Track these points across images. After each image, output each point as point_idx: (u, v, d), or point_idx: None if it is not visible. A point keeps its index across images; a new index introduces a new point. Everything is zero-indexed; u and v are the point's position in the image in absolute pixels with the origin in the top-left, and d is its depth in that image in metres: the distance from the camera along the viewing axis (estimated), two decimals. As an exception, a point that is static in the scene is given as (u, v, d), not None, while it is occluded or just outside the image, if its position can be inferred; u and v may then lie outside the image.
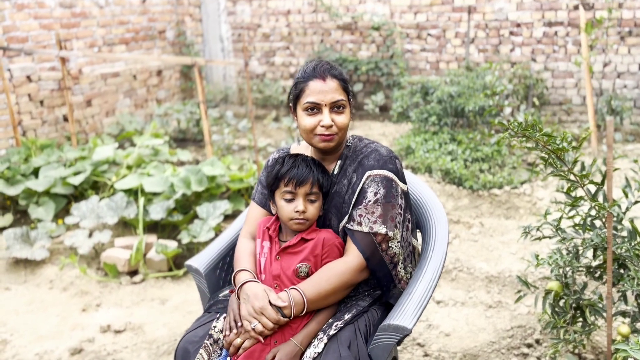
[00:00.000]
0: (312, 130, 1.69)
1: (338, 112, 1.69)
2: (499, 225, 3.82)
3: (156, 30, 6.94)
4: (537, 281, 3.09)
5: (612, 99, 5.72)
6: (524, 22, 6.36)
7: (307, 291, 1.60)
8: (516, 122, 1.79)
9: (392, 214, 1.66)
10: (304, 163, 1.71)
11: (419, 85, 5.52)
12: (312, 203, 1.70)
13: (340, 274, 1.63)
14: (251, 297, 1.60)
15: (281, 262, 1.70)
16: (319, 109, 1.68)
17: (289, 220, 1.70)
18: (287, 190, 1.69)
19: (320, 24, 7.33)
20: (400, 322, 1.54)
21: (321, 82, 1.68)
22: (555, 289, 2.11)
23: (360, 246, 1.65)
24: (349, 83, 1.76)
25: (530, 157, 5.03)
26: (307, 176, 1.68)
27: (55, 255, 3.68)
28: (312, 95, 1.68)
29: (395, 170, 1.71)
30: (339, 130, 1.69)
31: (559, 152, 1.87)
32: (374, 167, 1.69)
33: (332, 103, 1.68)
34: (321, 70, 1.70)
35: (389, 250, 1.66)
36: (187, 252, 3.66)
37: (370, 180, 1.68)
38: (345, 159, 1.78)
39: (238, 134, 6.28)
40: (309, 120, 1.69)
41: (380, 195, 1.65)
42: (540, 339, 2.55)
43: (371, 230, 1.63)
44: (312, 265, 1.68)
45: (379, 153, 1.72)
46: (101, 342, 2.79)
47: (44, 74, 5.47)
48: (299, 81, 1.73)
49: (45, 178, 4.15)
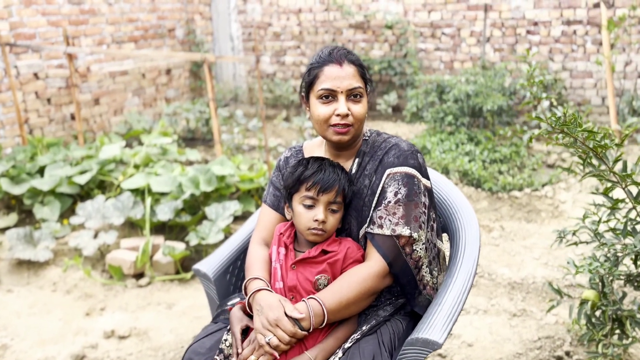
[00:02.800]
0: (326, 121, 1.54)
1: (355, 101, 1.54)
2: (520, 229, 3.66)
3: (165, 28, 6.84)
4: (563, 289, 2.93)
5: (634, 99, 5.53)
6: (542, 20, 6.19)
7: (327, 300, 1.45)
8: (554, 117, 1.64)
9: (415, 213, 1.52)
10: (330, 168, 1.55)
11: (434, 85, 5.37)
12: (333, 213, 1.55)
13: (362, 280, 1.48)
14: (265, 307, 1.44)
15: (297, 273, 1.55)
16: (335, 97, 1.53)
17: (306, 230, 1.54)
18: (308, 196, 1.53)
19: (332, 22, 7.20)
20: (430, 335, 1.39)
21: (337, 67, 1.53)
22: (591, 298, 1.95)
23: (382, 250, 1.51)
24: (367, 70, 1.60)
25: (550, 159, 4.86)
26: (332, 183, 1.52)
27: (59, 257, 3.57)
28: (327, 81, 1.52)
29: (417, 165, 1.57)
30: (356, 121, 1.54)
31: (599, 149, 1.72)
32: (394, 165, 1.55)
33: (349, 90, 1.52)
34: (338, 55, 1.55)
35: (414, 254, 1.52)
36: (196, 255, 3.53)
37: (390, 178, 1.54)
38: (363, 156, 1.63)
39: (248, 134, 6.15)
40: (323, 109, 1.54)
41: (402, 194, 1.52)
42: (570, 351, 2.39)
43: (393, 232, 1.50)
44: (332, 278, 1.54)
45: (399, 148, 1.58)
46: (105, 348, 2.67)
47: (51, 71, 5.37)
48: (313, 66, 1.57)
49: (51, 177, 4.04)
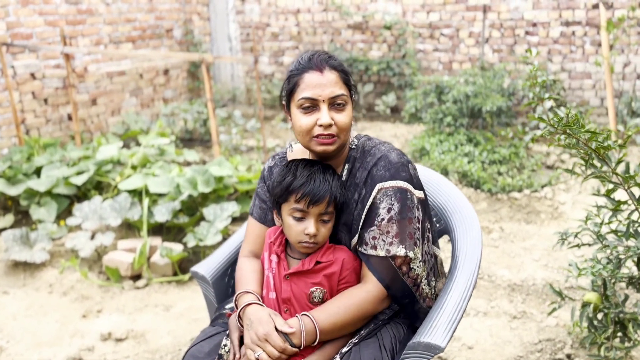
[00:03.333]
0: (308, 132, 1.45)
1: (338, 110, 1.45)
2: (519, 231, 3.64)
3: (163, 28, 6.81)
4: (564, 291, 2.91)
5: (633, 100, 5.52)
6: (541, 21, 6.19)
7: (321, 320, 1.41)
8: (557, 118, 1.62)
9: (409, 230, 1.44)
10: (321, 175, 1.45)
11: (433, 85, 5.35)
12: (324, 224, 1.47)
13: (360, 304, 1.43)
14: (254, 322, 1.40)
15: (291, 284, 1.49)
16: (316, 106, 1.44)
17: (297, 242, 1.48)
18: (297, 208, 1.45)
19: (331, 23, 7.18)
20: (432, 339, 1.37)
21: (318, 74, 1.44)
22: (594, 301, 1.93)
23: (378, 273, 1.44)
24: (350, 75, 1.51)
25: (549, 160, 4.84)
26: (324, 194, 1.43)
27: (55, 258, 3.54)
28: (307, 90, 1.43)
29: (408, 178, 1.48)
30: (340, 130, 1.45)
31: (602, 150, 1.70)
32: (384, 178, 1.46)
33: (331, 98, 1.43)
34: (318, 61, 1.45)
35: (411, 273, 1.46)
36: (193, 256, 3.50)
37: (381, 194, 1.45)
38: (354, 162, 1.54)
39: (246, 134, 6.13)
40: (304, 119, 1.44)
41: (395, 210, 1.44)
42: (571, 353, 2.37)
43: (388, 253, 1.43)
44: (328, 290, 1.48)
45: (389, 160, 1.48)
46: (101, 350, 2.64)
47: (48, 71, 5.34)
48: (293, 74, 1.48)
49: (48, 178, 4.01)
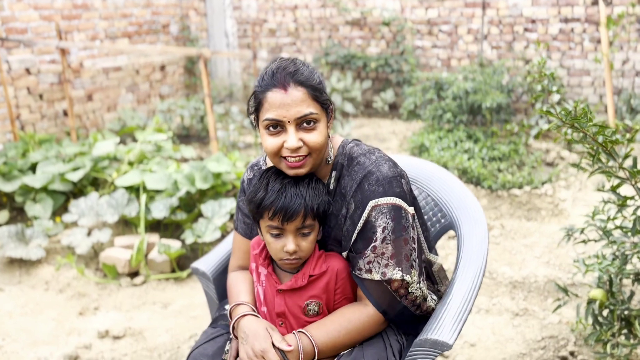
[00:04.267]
0: (276, 154, 1.35)
1: (308, 129, 1.33)
2: (520, 227, 3.62)
3: (160, 24, 6.76)
4: (567, 287, 2.89)
5: (632, 97, 5.51)
6: (539, 18, 6.16)
7: (320, 340, 1.35)
8: (565, 111, 1.59)
9: (405, 251, 1.36)
10: (292, 189, 1.35)
11: (432, 82, 5.32)
12: (305, 237, 1.38)
13: (361, 329, 1.39)
14: (250, 336, 1.35)
15: (285, 297, 1.44)
16: (283, 127, 1.33)
17: (279, 260, 1.41)
18: (272, 226, 1.36)
19: (329, 19, 7.14)
20: (439, 336, 1.34)
21: (282, 92, 1.31)
22: (599, 297, 1.91)
23: (374, 299, 1.38)
24: (322, 88, 1.37)
25: (549, 157, 4.82)
26: (297, 209, 1.33)
27: (51, 255, 3.49)
28: (271, 110, 1.31)
29: (402, 194, 1.38)
30: (312, 151, 1.34)
31: (610, 145, 1.67)
32: (377, 194, 1.36)
33: (298, 119, 1.31)
34: (282, 77, 1.31)
35: (409, 295, 1.39)
36: (191, 253, 3.46)
37: (376, 212, 1.35)
38: (342, 169, 1.44)
39: (243, 131, 6.08)
40: (271, 141, 1.34)
41: (389, 230, 1.35)
42: (575, 351, 2.35)
43: (383, 277, 1.35)
44: (324, 303, 1.43)
45: (382, 173, 1.37)
46: (99, 348, 2.60)
47: (43, 66, 5.28)
48: (257, 91, 1.36)
49: (43, 174, 3.96)
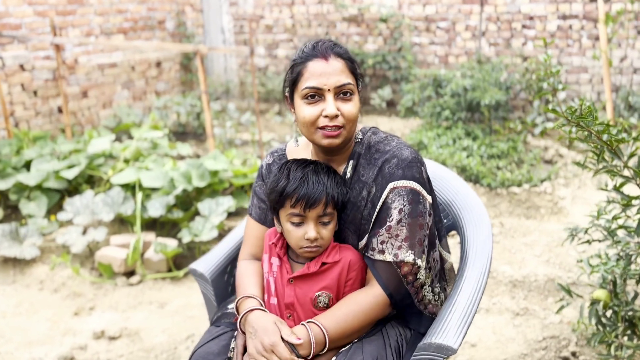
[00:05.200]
0: (313, 123, 1.37)
1: (345, 100, 1.37)
2: (519, 226, 3.59)
3: (155, 20, 6.69)
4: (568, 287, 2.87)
5: (630, 95, 5.49)
6: (538, 14, 6.13)
7: (330, 328, 1.34)
8: (571, 110, 1.56)
9: (419, 236, 1.37)
10: (314, 176, 1.38)
11: (430, 79, 5.29)
12: (325, 225, 1.40)
13: (368, 311, 1.37)
14: (259, 331, 1.33)
15: (295, 288, 1.42)
16: (322, 96, 1.37)
17: (299, 248, 1.41)
18: (294, 213, 1.38)
19: (326, 15, 7.09)
20: (444, 340, 1.31)
21: (323, 62, 1.37)
22: (603, 298, 1.88)
23: (382, 281, 1.38)
24: (357, 64, 1.43)
25: (547, 155, 4.80)
26: (319, 196, 1.36)
27: (46, 254, 3.45)
28: (312, 79, 1.36)
29: (422, 180, 1.40)
30: (347, 122, 1.37)
31: (614, 143, 1.64)
32: (396, 177, 1.38)
33: (337, 88, 1.36)
34: (323, 48, 1.39)
35: (416, 282, 1.40)
36: (188, 252, 3.43)
37: (394, 194, 1.37)
38: (359, 158, 1.46)
39: (240, 128, 6.04)
40: (309, 110, 1.37)
41: (405, 212, 1.36)
42: (576, 351, 2.33)
43: (396, 258, 1.35)
44: (334, 295, 1.42)
45: (402, 157, 1.40)
46: (94, 349, 2.57)
47: (38, 63, 5.22)
48: (296, 63, 1.41)
49: (38, 171, 3.91)
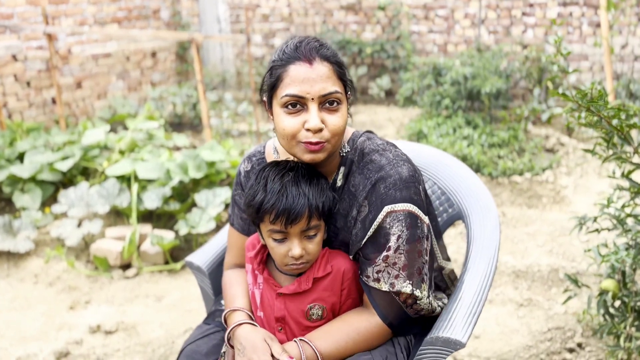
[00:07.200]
0: (293, 136, 1.21)
1: (331, 110, 1.21)
2: (521, 215, 3.55)
3: (150, 9, 6.59)
4: (572, 277, 2.82)
5: (631, 82, 5.43)
6: (538, 2, 6.05)
7: (325, 351, 1.24)
8: (581, 93, 1.50)
9: (418, 264, 1.25)
10: (294, 188, 1.22)
11: (429, 67, 5.21)
12: (311, 239, 1.26)
13: (369, 339, 1.28)
14: (248, 348, 1.23)
15: (286, 301, 1.32)
16: (304, 105, 1.20)
17: (284, 266, 1.29)
18: (274, 230, 1.24)
19: (323, 4, 6.99)
20: (451, 334, 1.26)
21: (307, 66, 1.19)
22: (611, 288, 1.84)
23: (380, 309, 1.27)
24: (346, 68, 1.27)
25: (548, 143, 4.75)
26: (300, 210, 1.21)
27: (40, 247, 3.39)
28: (293, 85, 1.19)
29: (419, 201, 1.26)
30: (332, 135, 1.21)
31: (626, 129, 1.59)
32: (392, 199, 1.23)
33: (322, 97, 1.19)
34: (307, 50, 1.21)
35: (415, 306, 1.29)
36: (185, 244, 3.37)
37: (391, 218, 1.23)
38: (351, 166, 1.31)
39: (237, 118, 5.96)
40: (289, 121, 1.20)
41: (403, 239, 1.23)
42: (582, 342, 2.28)
43: (392, 287, 1.24)
44: (329, 306, 1.32)
45: (399, 176, 1.24)
46: (90, 344, 2.52)
47: (30, 53, 5.13)
48: (276, 65, 1.23)
49: (31, 163, 3.84)
